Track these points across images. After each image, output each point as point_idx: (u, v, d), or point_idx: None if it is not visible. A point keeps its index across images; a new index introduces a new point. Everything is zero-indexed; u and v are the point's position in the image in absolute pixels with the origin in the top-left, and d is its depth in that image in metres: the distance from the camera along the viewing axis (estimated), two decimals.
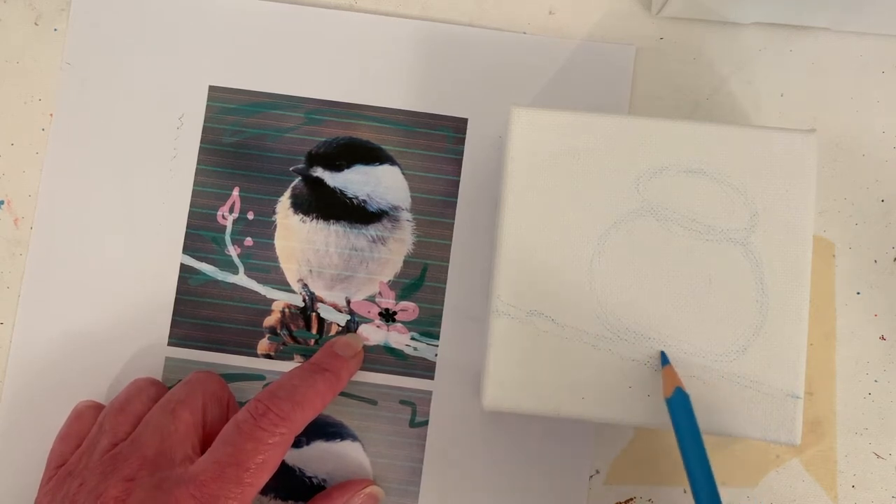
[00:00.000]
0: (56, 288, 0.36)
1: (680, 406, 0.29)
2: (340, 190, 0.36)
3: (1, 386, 0.36)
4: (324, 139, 0.37)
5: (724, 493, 0.35)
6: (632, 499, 0.35)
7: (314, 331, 0.36)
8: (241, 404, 0.34)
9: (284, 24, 0.37)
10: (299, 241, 0.36)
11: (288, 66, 0.37)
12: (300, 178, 0.36)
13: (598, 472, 0.35)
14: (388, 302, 0.36)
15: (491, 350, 0.30)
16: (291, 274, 0.36)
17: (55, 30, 0.37)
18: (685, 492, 0.35)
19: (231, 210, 0.36)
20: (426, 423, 0.36)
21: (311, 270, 0.36)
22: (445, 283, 0.36)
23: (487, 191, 0.36)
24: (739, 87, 0.37)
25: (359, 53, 0.37)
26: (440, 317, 0.36)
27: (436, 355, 0.36)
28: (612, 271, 0.31)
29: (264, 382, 0.36)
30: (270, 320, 0.36)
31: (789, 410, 0.30)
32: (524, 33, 0.37)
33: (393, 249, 0.36)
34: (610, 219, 0.31)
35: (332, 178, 0.36)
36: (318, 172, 0.36)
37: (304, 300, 0.36)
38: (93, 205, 0.36)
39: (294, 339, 0.36)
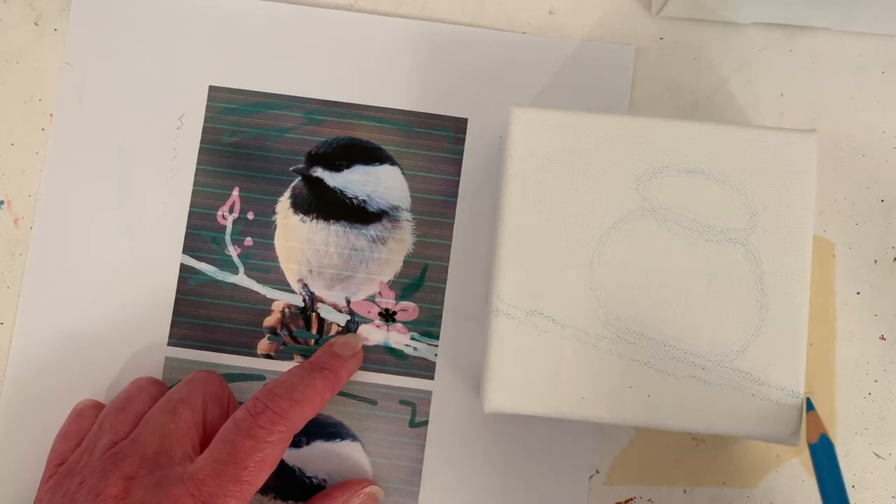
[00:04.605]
0: (56, 288, 0.36)
1: (824, 454, 0.28)
2: (340, 190, 0.36)
3: (1, 386, 0.36)
4: (324, 139, 0.37)
5: (724, 493, 0.35)
6: (632, 499, 0.35)
7: (314, 331, 0.36)
8: (242, 404, 0.34)
9: (284, 24, 0.37)
10: (299, 241, 0.36)
11: (288, 66, 0.37)
12: (300, 178, 0.36)
13: (598, 472, 0.35)
14: (388, 302, 0.36)
15: (491, 350, 0.30)
16: (291, 274, 0.36)
17: (55, 30, 0.37)
18: (685, 492, 0.35)
19: (231, 210, 0.36)
20: (426, 423, 0.35)
21: (311, 270, 0.36)
22: (445, 283, 0.36)
23: (487, 191, 0.36)
24: (739, 87, 0.37)
25: (359, 53, 0.37)
26: (440, 317, 0.36)
27: (436, 355, 0.36)
28: (612, 271, 0.31)
29: (264, 382, 0.36)
30: (270, 320, 0.36)
31: (789, 410, 0.30)
32: (524, 33, 0.37)
33: (393, 249, 0.36)
34: (610, 219, 0.31)
35: (332, 178, 0.36)
36: (318, 172, 0.36)
37: (304, 300, 0.36)
38: (93, 205, 0.36)
39: (294, 339, 0.36)
